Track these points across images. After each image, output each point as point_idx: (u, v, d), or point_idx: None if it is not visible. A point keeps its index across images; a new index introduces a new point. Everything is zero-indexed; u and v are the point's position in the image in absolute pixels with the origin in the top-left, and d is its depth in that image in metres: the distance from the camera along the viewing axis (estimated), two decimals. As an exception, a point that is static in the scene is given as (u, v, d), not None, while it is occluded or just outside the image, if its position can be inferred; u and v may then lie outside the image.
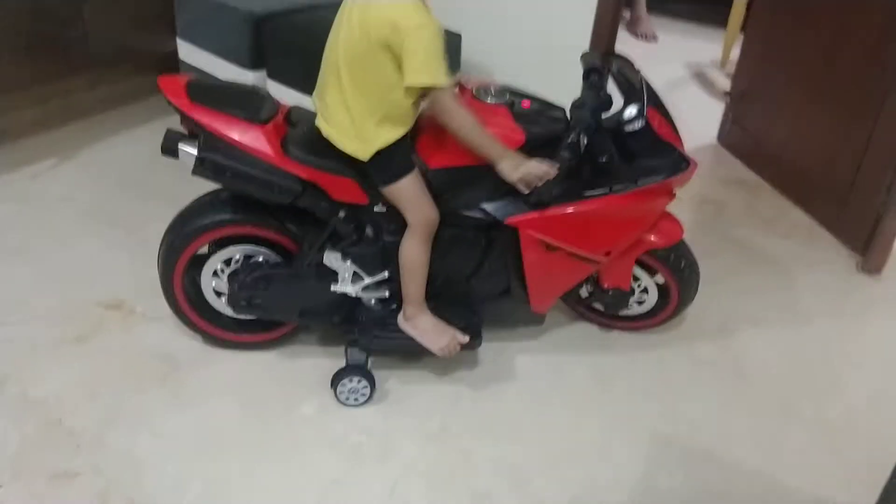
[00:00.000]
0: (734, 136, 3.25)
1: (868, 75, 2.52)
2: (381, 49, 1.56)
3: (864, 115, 2.53)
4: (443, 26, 1.59)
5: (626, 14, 4.47)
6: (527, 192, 1.69)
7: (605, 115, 1.78)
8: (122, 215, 1.82)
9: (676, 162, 1.78)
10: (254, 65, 2.72)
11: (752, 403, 1.97)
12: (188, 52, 2.92)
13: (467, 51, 2.68)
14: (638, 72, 1.85)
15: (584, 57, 1.92)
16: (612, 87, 1.85)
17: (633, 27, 4.50)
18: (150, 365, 1.93)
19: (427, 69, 1.56)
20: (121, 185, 2.44)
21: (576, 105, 1.79)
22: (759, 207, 2.88)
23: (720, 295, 2.33)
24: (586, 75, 1.87)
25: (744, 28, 3.38)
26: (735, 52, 3.67)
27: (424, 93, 1.62)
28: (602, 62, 1.88)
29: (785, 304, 2.35)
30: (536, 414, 1.89)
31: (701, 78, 4.04)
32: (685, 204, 2.80)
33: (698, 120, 3.44)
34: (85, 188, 2.60)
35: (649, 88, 1.79)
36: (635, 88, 1.78)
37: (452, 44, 2.60)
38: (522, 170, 1.66)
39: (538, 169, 1.67)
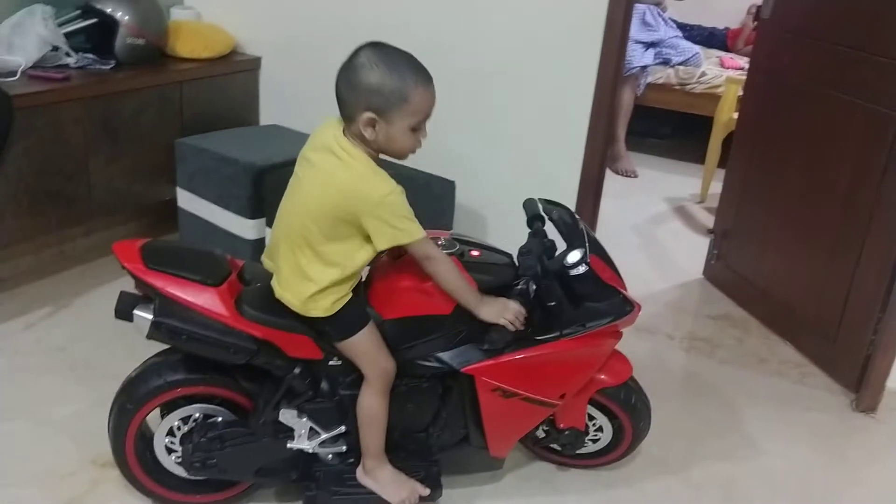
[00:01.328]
0: (720, 272, 3.32)
1: (844, 222, 2.63)
2: (341, 218, 1.61)
3: (847, 255, 2.62)
4: (433, 175, 1.64)
5: (607, 151, 4.66)
6: (514, 330, 1.73)
7: (550, 261, 1.85)
8: (116, 368, 1.82)
9: (621, 305, 1.85)
10: (253, 214, 2.79)
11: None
12: (187, 201, 2.99)
13: (461, 197, 2.80)
14: (578, 219, 1.93)
15: (526, 204, 2.01)
16: (555, 233, 1.93)
17: (613, 164, 4.68)
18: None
19: (401, 231, 1.61)
20: (115, 336, 2.41)
21: (522, 252, 1.86)
22: (750, 345, 2.91)
23: (714, 436, 2.37)
24: (530, 222, 1.95)
25: (722, 164, 3.50)
26: (713, 187, 3.83)
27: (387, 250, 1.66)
28: (543, 209, 1.96)
29: (782, 451, 2.35)
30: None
31: (681, 213, 4.19)
32: (677, 342, 2.90)
33: (683, 255, 3.60)
34: (79, 339, 2.57)
35: (589, 234, 1.87)
36: (576, 234, 1.86)
37: (447, 191, 2.74)
38: (512, 308, 1.71)
39: (518, 307, 1.72)
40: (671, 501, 2.12)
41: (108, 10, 2.89)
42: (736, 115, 3.48)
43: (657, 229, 3.96)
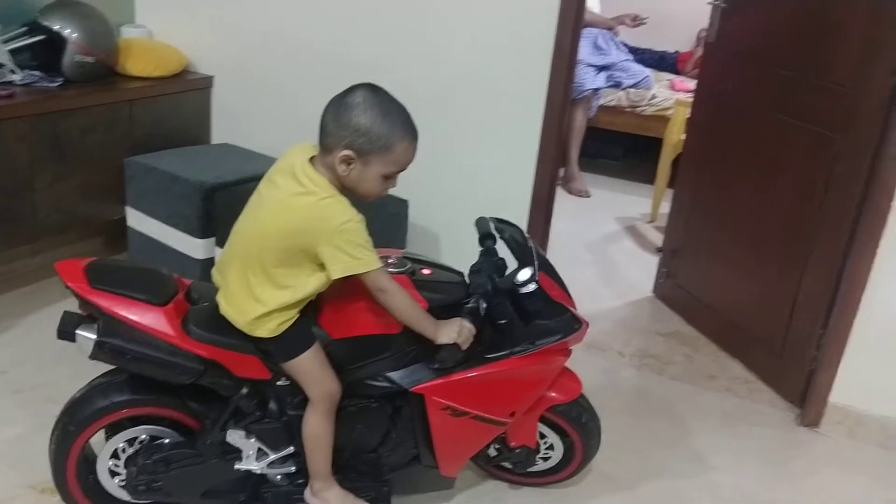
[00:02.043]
0: (670, 290, 3.36)
1: (789, 236, 2.69)
2: (296, 243, 1.61)
3: (791, 273, 2.68)
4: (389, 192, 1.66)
5: (560, 171, 4.72)
6: (465, 349, 1.72)
7: (500, 279, 1.87)
8: (60, 391, 1.78)
9: (570, 323, 1.86)
10: (203, 233, 2.76)
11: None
12: (137, 220, 2.95)
13: (414, 216, 2.81)
14: (528, 238, 1.95)
15: (478, 223, 2.02)
16: (505, 252, 1.95)
17: (566, 184, 4.75)
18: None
19: (357, 260, 1.60)
20: (60, 358, 2.36)
21: (474, 270, 1.88)
22: (699, 362, 2.95)
23: (664, 452, 2.40)
24: (481, 241, 1.97)
25: (671, 184, 3.57)
26: (663, 207, 3.89)
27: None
28: (495, 228, 1.98)
29: (730, 466, 2.38)
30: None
31: (633, 232, 4.25)
32: (627, 359, 2.93)
33: (634, 273, 3.64)
34: (23, 361, 2.51)
35: (539, 253, 1.89)
36: (526, 253, 1.88)
37: (400, 209, 2.76)
38: (466, 329, 1.71)
39: (470, 326, 1.72)
40: (621, 518, 2.14)
41: (56, 28, 2.85)
42: (684, 137, 3.55)
43: (609, 248, 4.02)
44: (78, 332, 1.63)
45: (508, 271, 1.88)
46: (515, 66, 2.75)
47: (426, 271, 1.85)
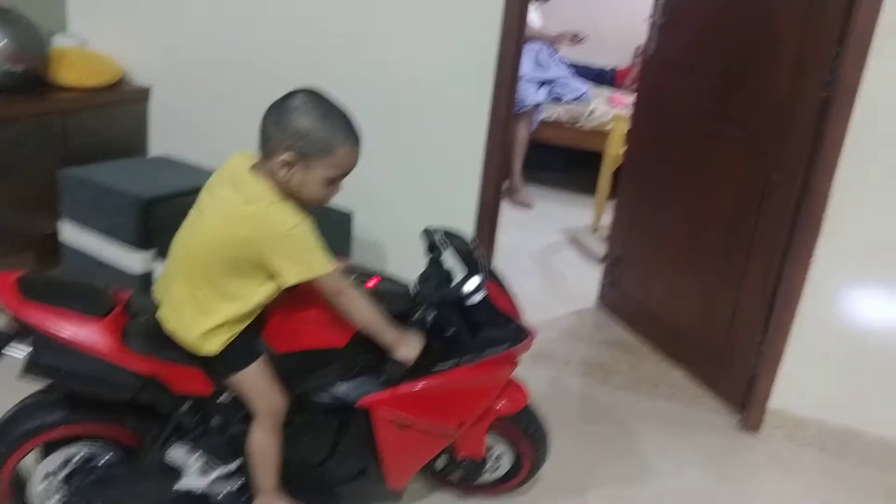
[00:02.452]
0: (613, 299, 3.40)
1: (728, 245, 2.75)
2: (243, 252, 1.57)
3: (730, 281, 2.73)
4: (330, 206, 1.62)
5: (505, 184, 4.73)
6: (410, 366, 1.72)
7: (447, 289, 1.86)
8: None
9: (517, 332, 1.87)
10: (141, 246, 2.69)
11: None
12: (71, 233, 2.85)
13: (358, 229, 2.78)
14: (475, 248, 1.95)
15: (425, 233, 2.01)
16: (452, 262, 1.94)
17: (510, 196, 4.79)
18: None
19: (310, 265, 1.58)
20: None
21: (421, 280, 1.86)
22: (643, 370, 2.98)
23: (610, 460, 2.42)
24: (428, 251, 1.96)
25: (613, 196, 3.60)
26: (605, 218, 3.93)
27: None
28: (442, 238, 1.97)
29: (674, 471, 2.41)
30: None
31: (576, 243, 4.29)
32: (573, 368, 2.95)
33: (577, 283, 3.67)
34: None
35: (486, 263, 1.89)
36: (474, 263, 1.87)
37: (344, 222, 2.71)
38: (417, 347, 1.71)
39: (420, 342, 1.72)
40: (569, 526, 2.14)
41: (-19, 34, 2.75)
42: (624, 150, 3.61)
43: (553, 258, 4.05)
44: (5, 351, 1.56)
45: (456, 281, 1.87)
46: (460, 77, 2.75)
47: (371, 283, 1.83)
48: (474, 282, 1.81)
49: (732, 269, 2.73)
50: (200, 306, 1.61)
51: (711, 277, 2.85)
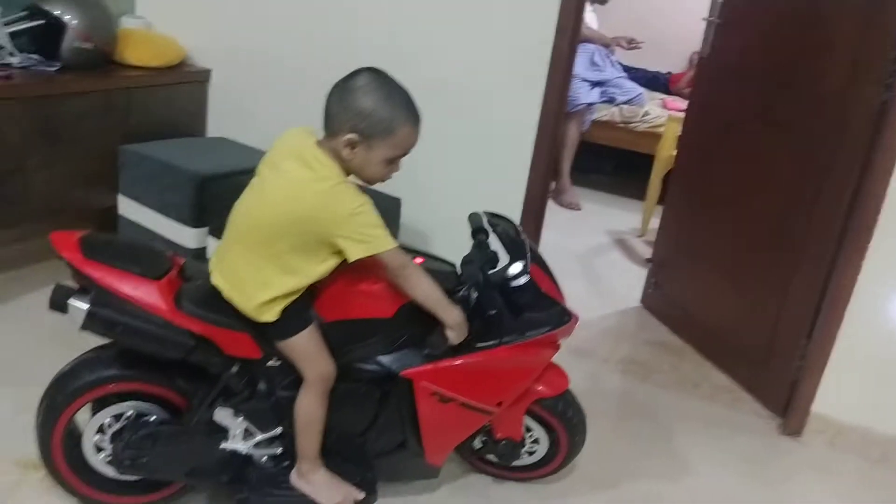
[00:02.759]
0: (657, 301, 3.39)
1: (776, 248, 2.72)
2: (311, 229, 1.61)
3: (775, 287, 2.71)
4: (379, 191, 1.66)
5: (552, 185, 4.74)
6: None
7: (491, 272, 1.88)
8: (43, 374, 1.76)
9: (560, 315, 1.88)
10: (196, 223, 2.76)
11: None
12: (129, 209, 2.95)
13: (406, 216, 2.83)
14: (520, 232, 1.97)
15: (471, 217, 2.04)
16: (497, 244, 1.97)
17: (557, 197, 4.80)
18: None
19: (375, 242, 1.62)
20: (45, 342, 2.35)
21: (465, 261, 1.89)
22: (684, 370, 2.97)
23: (645, 455, 2.41)
24: (474, 234, 1.99)
25: (661, 201, 3.60)
26: (653, 222, 3.93)
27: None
28: (488, 222, 2.00)
29: (710, 471, 2.40)
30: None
31: (622, 245, 4.28)
32: (613, 365, 2.95)
33: (621, 285, 3.67)
34: (6, 345, 2.50)
35: (532, 247, 1.91)
36: (519, 247, 1.90)
37: (392, 208, 2.76)
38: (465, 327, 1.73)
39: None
40: (603, 516, 2.15)
41: (56, 13, 2.85)
42: (675, 153, 3.59)
43: (598, 259, 4.04)
44: (70, 301, 1.63)
45: (500, 265, 1.90)
46: (513, 70, 2.78)
47: (418, 260, 1.86)
48: (518, 265, 1.83)
49: (778, 272, 2.71)
50: (260, 278, 1.65)
51: (756, 281, 2.83)
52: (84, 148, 2.92)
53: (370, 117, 1.59)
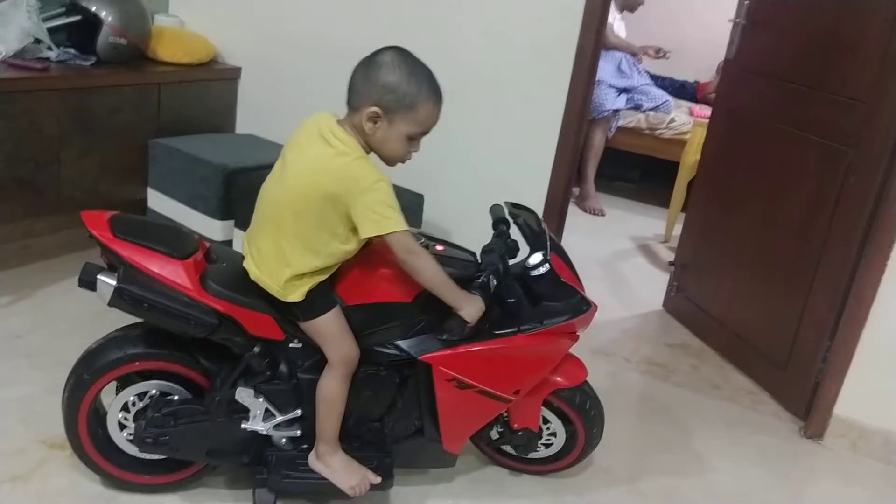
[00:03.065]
0: (679, 304, 3.39)
1: (797, 254, 2.72)
2: (331, 205, 1.64)
3: (798, 289, 2.70)
4: (402, 187, 1.69)
5: (576, 190, 4.77)
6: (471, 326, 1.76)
7: (512, 261, 1.90)
8: (71, 357, 1.81)
9: (579, 304, 1.89)
10: (223, 215, 2.82)
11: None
12: (157, 201, 3.02)
13: (429, 212, 2.86)
14: (541, 222, 1.99)
15: (493, 208, 2.06)
16: (518, 234, 1.98)
17: (581, 202, 4.81)
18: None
19: (387, 219, 1.63)
20: (73, 329, 2.41)
21: (485, 250, 1.91)
22: (705, 372, 2.97)
23: (664, 452, 2.41)
24: (495, 225, 2.01)
25: (686, 208, 3.61)
26: (677, 228, 3.92)
27: (367, 241, 1.69)
28: (509, 213, 2.02)
29: (729, 469, 2.39)
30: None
31: (645, 250, 4.28)
32: (633, 365, 2.95)
33: (643, 289, 3.67)
34: (37, 328, 2.56)
35: (552, 237, 1.92)
36: (539, 237, 1.91)
37: (415, 203, 2.80)
38: (481, 308, 1.74)
39: (483, 305, 1.76)
40: (619, 511, 2.15)
41: (93, 9, 2.93)
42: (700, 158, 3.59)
43: (621, 264, 4.04)
44: (99, 277, 1.67)
45: (520, 256, 1.91)
46: (536, 68, 2.80)
47: (439, 247, 1.88)
48: (539, 255, 1.85)
49: (801, 274, 2.70)
50: (284, 257, 1.68)
51: (778, 283, 2.82)
52: (116, 141, 2.99)
53: (394, 92, 1.63)
